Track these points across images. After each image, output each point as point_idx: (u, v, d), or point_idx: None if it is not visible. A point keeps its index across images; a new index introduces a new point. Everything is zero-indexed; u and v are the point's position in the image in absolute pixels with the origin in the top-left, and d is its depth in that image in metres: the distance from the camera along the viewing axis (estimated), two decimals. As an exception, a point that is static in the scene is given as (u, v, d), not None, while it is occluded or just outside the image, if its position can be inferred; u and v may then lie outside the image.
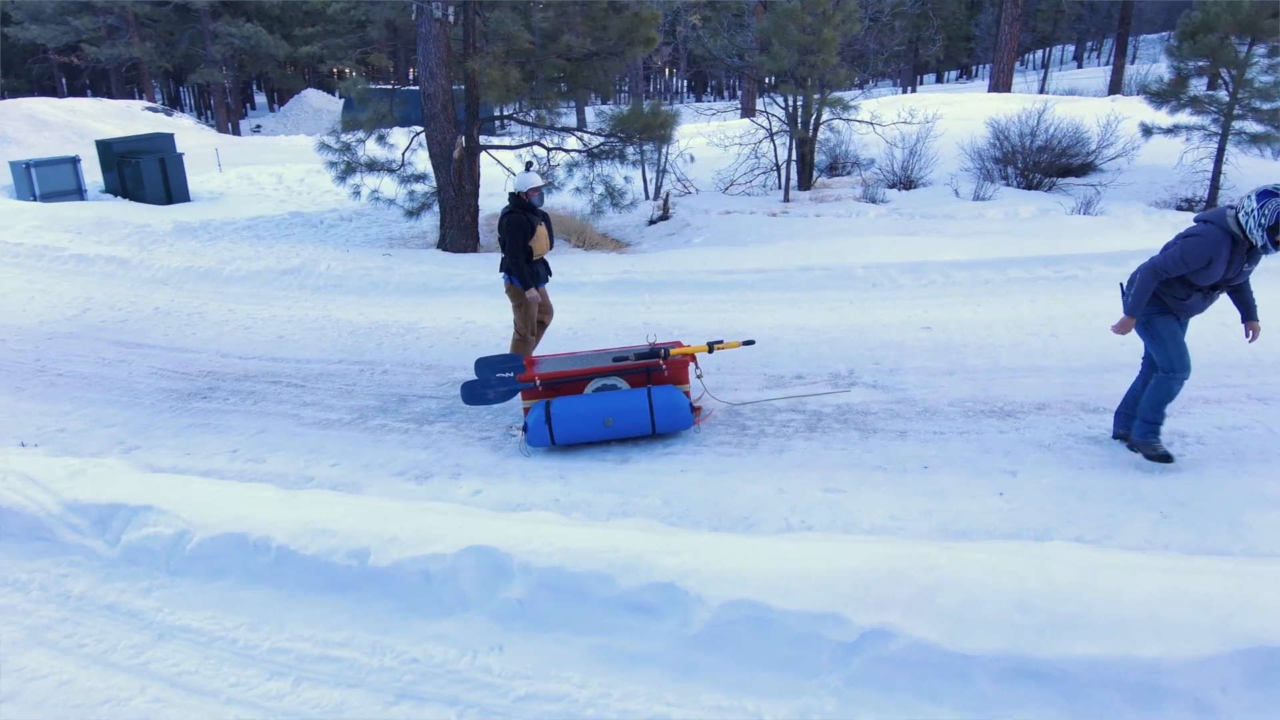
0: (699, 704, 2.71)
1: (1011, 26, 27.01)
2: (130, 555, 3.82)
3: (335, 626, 3.29)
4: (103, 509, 3.97)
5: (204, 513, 3.79)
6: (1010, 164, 14.63)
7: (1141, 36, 48.44)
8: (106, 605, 3.63)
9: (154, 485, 4.16)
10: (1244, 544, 3.45)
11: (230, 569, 3.62)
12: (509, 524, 3.52)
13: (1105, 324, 6.44)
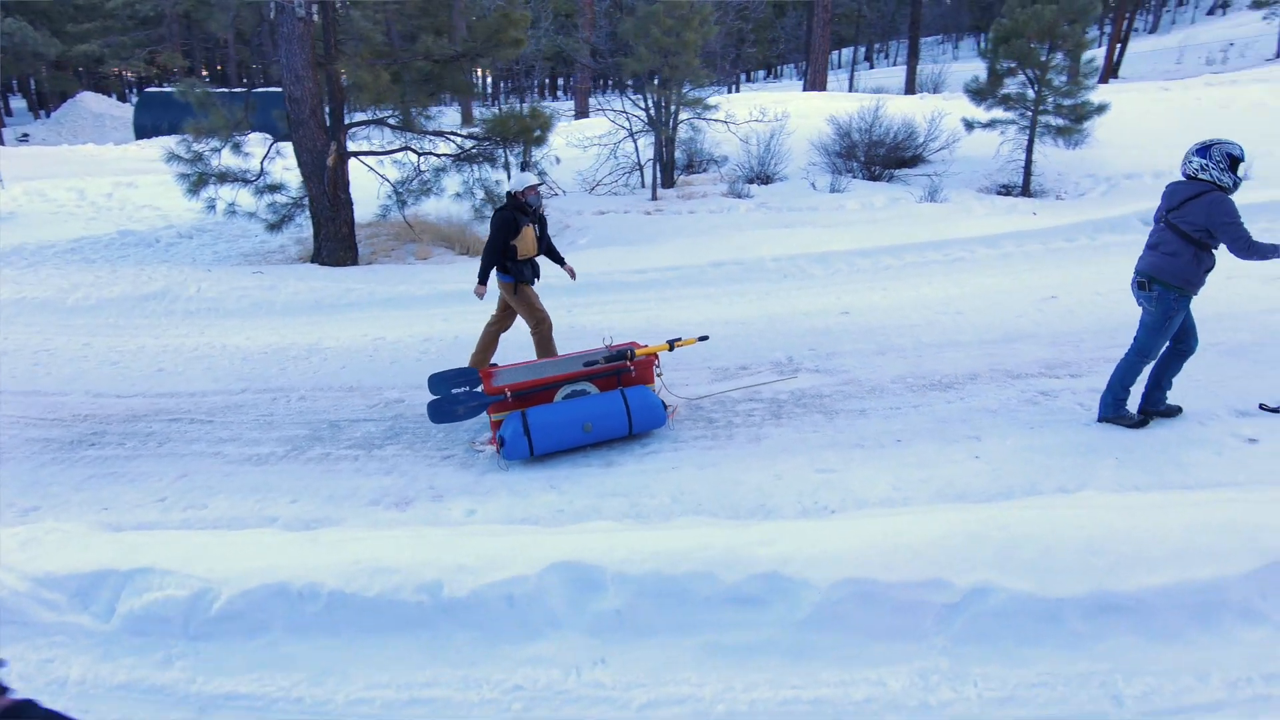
0: (822, 682, 2.85)
1: (823, 29, 29.02)
2: (134, 626, 3.38)
3: (414, 667, 3.11)
4: (83, 579, 3.48)
5: (223, 567, 3.42)
6: (852, 158, 15.80)
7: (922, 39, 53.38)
8: (119, 685, 3.20)
9: (137, 545, 3.69)
10: (1192, 478, 4.07)
11: (270, 624, 3.30)
12: (577, 537, 3.47)
13: (1001, 300, 7.22)
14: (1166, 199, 4.70)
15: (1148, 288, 4.67)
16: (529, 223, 6.19)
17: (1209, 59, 31.53)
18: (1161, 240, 4.65)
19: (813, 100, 20.98)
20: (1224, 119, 15.97)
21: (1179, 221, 4.51)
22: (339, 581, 3.28)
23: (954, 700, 2.74)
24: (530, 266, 6.39)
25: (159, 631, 3.37)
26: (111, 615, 3.46)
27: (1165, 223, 4.65)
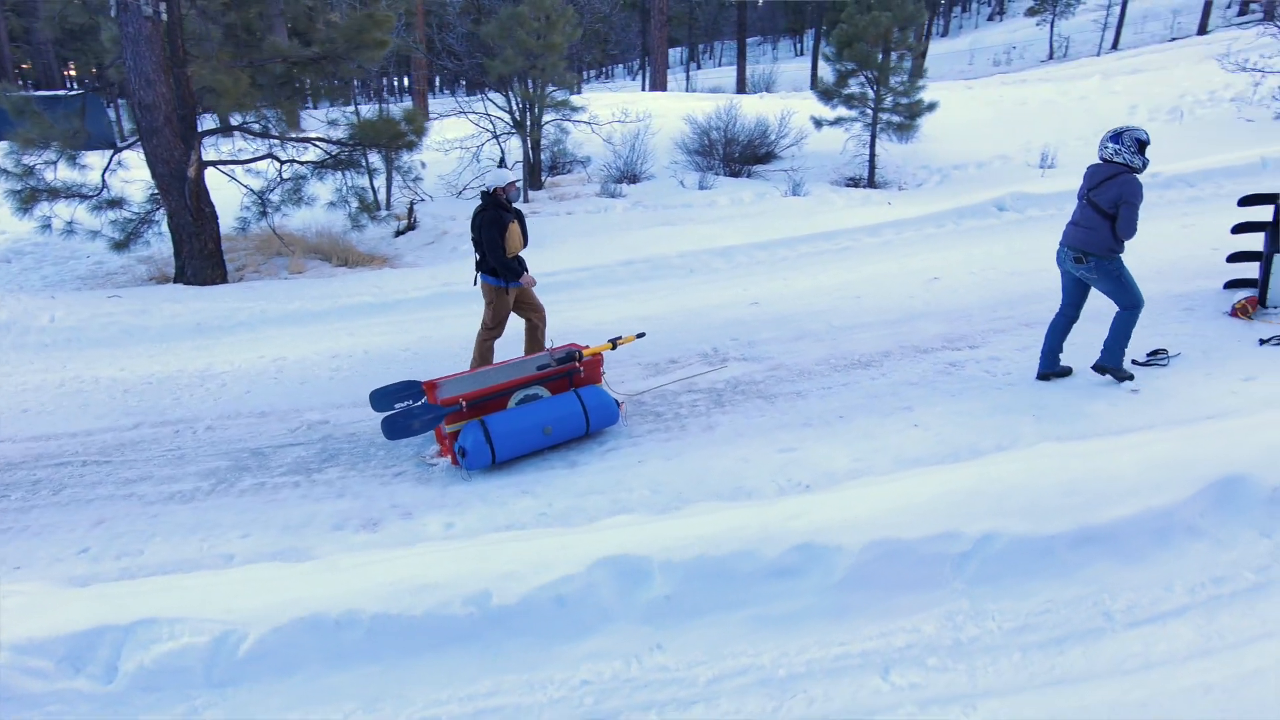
0: (865, 636, 3.14)
1: (660, 31, 29.88)
2: (145, 682, 3.09)
3: (471, 679, 3.08)
4: (72, 640, 3.14)
5: (244, 606, 3.20)
6: (711, 155, 16.49)
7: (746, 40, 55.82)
8: None
9: (126, 597, 3.37)
10: (1100, 426, 4.74)
11: (305, 658, 3.13)
12: (611, 532, 3.55)
13: (891, 283, 7.90)
14: (1087, 179, 5.33)
15: (1084, 261, 5.27)
16: (512, 219, 6.12)
17: (995, 60, 35.30)
18: (1084, 217, 5.27)
19: (661, 100, 21.59)
20: (1025, 114, 18.04)
21: (1098, 199, 5.15)
22: (380, 605, 3.19)
23: (979, 635, 3.12)
24: (518, 263, 6.32)
25: (176, 684, 3.12)
26: (114, 675, 3.16)
27: (1087, 200, 5.25)
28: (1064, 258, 5.45)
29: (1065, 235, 5.45)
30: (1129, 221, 5.01)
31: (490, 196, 6.11)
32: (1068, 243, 5.40)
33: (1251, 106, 16.58)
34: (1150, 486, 3.48)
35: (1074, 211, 5.44)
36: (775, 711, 2.92)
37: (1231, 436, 3.80)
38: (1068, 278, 5.53)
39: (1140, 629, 3.10)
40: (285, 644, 3.14)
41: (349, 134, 11.51)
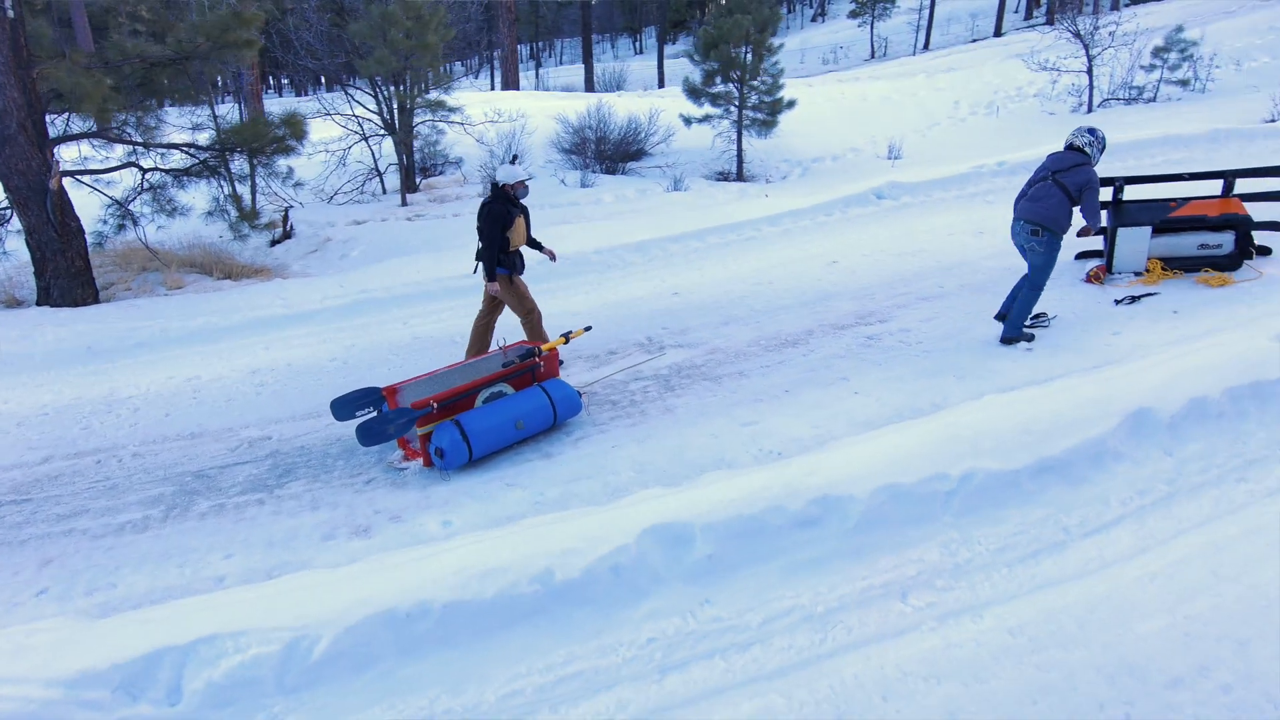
0: (882, 569, 3.62)
1: (510, 30, 29.77)
2: (214, 698, 3.04)
3: (545, 652, 3.27)
4: (127, 667, 3.03)
5: (312, 610, 3.20)
6: (584, 154, 16.82)
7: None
8: None
9: (172, 619, 3.27)
10: (1010, 379, 5.51)
11: (379, 654, 3.19)
12: (647, 505, 3.81)
13: (797, 268, 8.55)
14: (1053, 162, 5.99)
15: (1040, 234, 5.86)
16: (518, 214, 6.31)
17: (824, 59, 37.74)
18: (1045, 194, 5.89)
19: (529, 100, 21.65)
20: (865, 109, 19.61)
21: (1065, 180, 5.83)
22: (450, 593, 3.31)
23: (972, 557, 3.68)
24: (519, 257, 6.51)
25: (248, 696, 3.11)
26: (179, 696, 3.09)
27: (1053, 180, 5.89)
28: (1020, 230, 6.01)
29: (1021, 210, 6.01)
30: (1095, 206, 5.80)
31: (499, 190, 6.25)
32: (1025, 216, 5.94)
33: (1051, 101, 18.88)
34: (1083, 421, 4.20)
35: (1030, 190, 6.06)
36: (822, 643, 3.34)
37: (1130, 379, 4.62)
38: (1022, 252, 6.16)
39: (1092, 538, 3.78)
40: (359, 642, 3.22)
41: (218, 138, 10.92)
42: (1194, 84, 18.44)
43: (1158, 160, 10.31)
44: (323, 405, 6.62)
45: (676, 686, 3.19)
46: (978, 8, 41.56)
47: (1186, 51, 18.32)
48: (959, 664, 3.20)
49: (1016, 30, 36.06)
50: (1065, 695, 3.04)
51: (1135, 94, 18.42)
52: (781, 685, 3.16)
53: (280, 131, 10.98)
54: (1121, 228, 7.03)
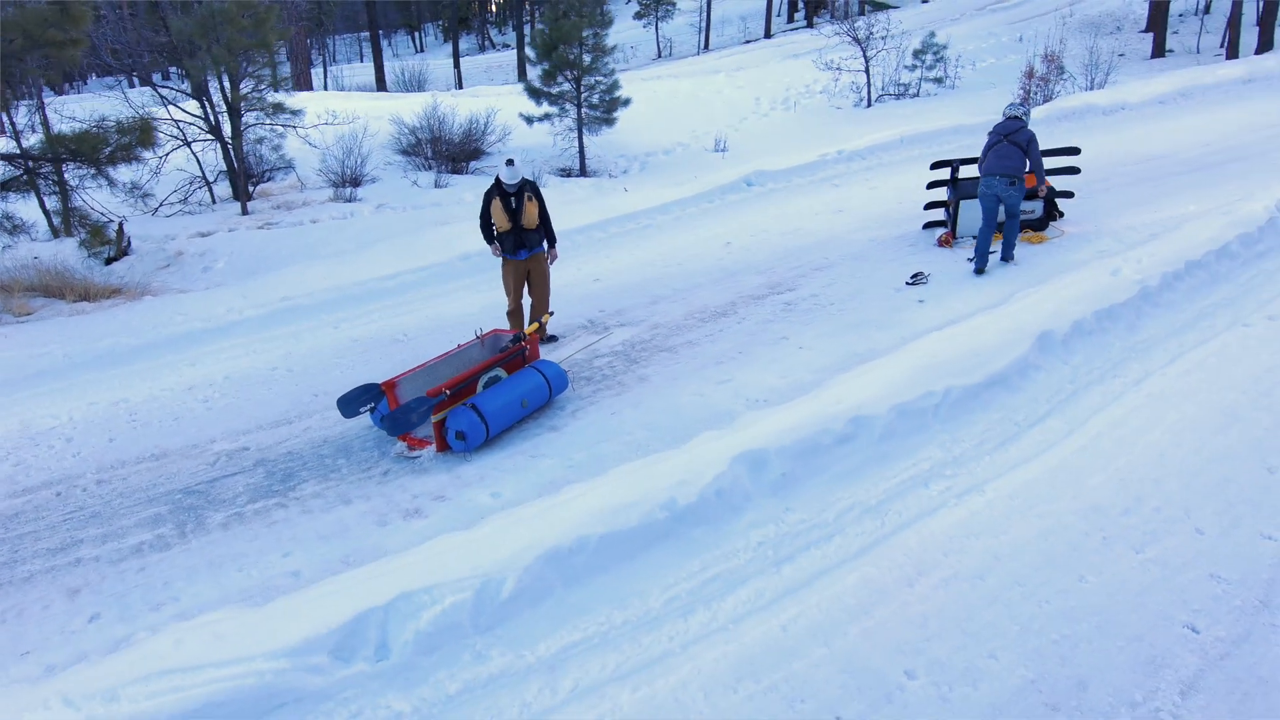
0: (904, 468, 4.60)
1: (301, 29, 28.28)
2: (422, 646, 3.32)
3: (681, 564, 3.87)
4: (341, 631, 3.24)
5: (488, 558, 3.55)
6: (421, 154, 16.78)
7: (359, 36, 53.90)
8: (449, 698, 3.27)
9: (359, 585, 3.49)
10: (917, 328, 6.78)
11: (549, 587, 3.61)
12: (724, 440, 4.51)
13: (698, 250, 9.47)
14: (1002, 128, 7.69)
15: (1015, 182, 7.48)
16: (497, 196, 6.82)
17: (617, 59, 39.26)
18: (1009, 153, 7.52)
19: (354, 101, 20.90)
20: (678, 106, 21.07)
21: (1017, 139, 7.52)
22: (602, 527, 3.80)
23: (962, 452, 4.78)
24: (509, 239, 6.90)
25: (450, 640, 3.43)
26: (387, 651, 3.35)
27: (1009, 142, 7.54)
28: (997, 184, 7.55)
29: (996, 168, 7.55)
30: (1040, 159, 7.62)
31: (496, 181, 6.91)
32: (1000, 172, 7.52)
33: (836, 97, 21.43)
34: (1008, 345, 5.48)
35: (994, 153, 7.63)
36: (882, 525, 4.28)
37: (1027, 313, 6.00)
38: (991, 200, 7.65)
39: (1035, 428, 5.03)
40: (534, 579, 3.67)
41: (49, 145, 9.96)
42: (947, 81, 21.78)
43: (954, 146, 12.42)
44: (287, 411, 6.61)
45: (792, 574, 3.97)
46: (745, 10, 45.05)
47: (939, 54, 21.58)
48: (982, 524, 4.26)
49: (783, 33, 39.74)
50: (1059, 533, 4.18)
51: (903, 90, 21.42)
52: (868, 561, 4.04)
53: (126, 139, 10.20)
54: (962, 200, 8.67)
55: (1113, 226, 8.54)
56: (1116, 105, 14.47)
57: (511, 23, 53.07)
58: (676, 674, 3.45)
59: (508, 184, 6.83)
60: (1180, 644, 3.52)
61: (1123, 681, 3.35)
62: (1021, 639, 3.57)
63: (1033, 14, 31.21)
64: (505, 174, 6.82)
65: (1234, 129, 13.24)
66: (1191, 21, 26.62)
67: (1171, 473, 4.59)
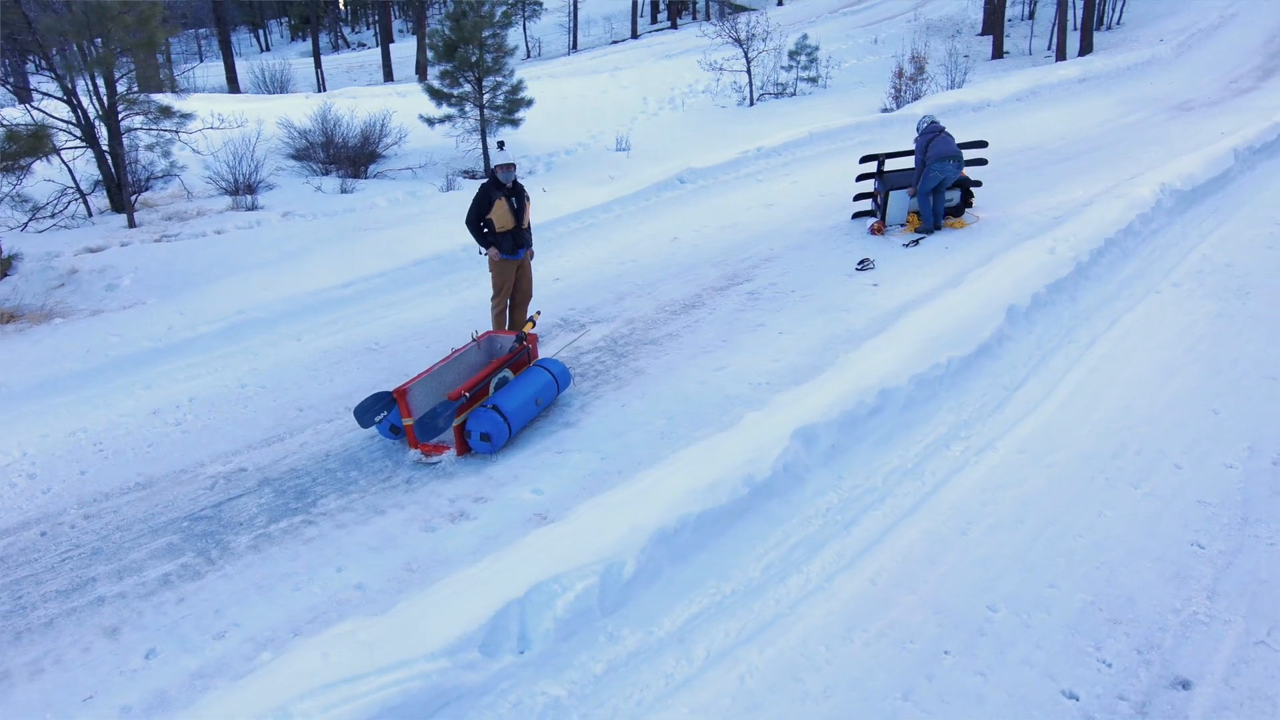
0: (925, 433, 5.08)
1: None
2: (561, 632, 3.40)
3: (767, 535, 4.14)
4: (486, 626, 3.26)
5: (604, 544, 3.66)
6: (314, 158, 16.12)
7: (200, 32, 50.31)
8: (596, 677, 3.39)
9: (490, 580, 3.52)
10: (880, 307, 7.35)
11: (659, 566, 3.76)
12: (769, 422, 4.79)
13: (649, 246, 9.73)
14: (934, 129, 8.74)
15: (959, 164, 8.64)
16: (500, 197, 6.63)
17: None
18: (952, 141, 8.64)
19: (242, 104, 19.62)
20: (570, 106, 21.20)
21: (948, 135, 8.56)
22: (700, 505, 4.00)
23: (970, 415, 5.33)
24: (509, 239, 6.80)
25: (584, 625, 3.53)
26: (529, 640, 3.41)
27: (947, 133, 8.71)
28: (952, 168, 8.76)
29: (947, 152, 8.74)
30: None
31: (491, 173, 6.77)
32: (955, 156, 8.78)
33: (719, 97, 22.26)
34: (985, 319, 6.12)
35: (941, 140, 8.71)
36: (923, 485, 4.75)
37: (991, 289, 6.68)
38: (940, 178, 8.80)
39: (1020, 390, 5.68)
40: (648, 560, 3.85)
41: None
42: (820, 81, 23.11)
43: (856, 141, 13.32)
44: (274, 429, 6.37)
45: (861, 534, 4.35)
46: (609, 11, 45.61)
47: (812, 55, 22.85)
48: (1004, 477, 4.81)
49: (649, 33, 40.59)
50: (1069, 479, 4.79)
51: (781, 89, 22.54)
52: (922, 517, 4.49)
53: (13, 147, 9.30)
54: (891, 191, 9.40)
55: (1019, 211, 9.54)
56: (983, 103, 15.95)
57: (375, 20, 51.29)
58: (794, 632, 3.74)
59: (503, 176, 6.78)
60: (1193, 559, 4.17)
61: (1161, 594, 3.94)
62: (1070, 569, 4.11)
63: (881, 17, 33.56)
64: (500, 158, 6.78)
65: (1082, 123, 14.97)
66: (1020, 26, 29.48)
67: (1139, 420, 5.33)
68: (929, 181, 8.70)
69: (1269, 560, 4.14)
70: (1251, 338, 6.30)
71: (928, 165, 8.61)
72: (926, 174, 8.65)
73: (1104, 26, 27.25)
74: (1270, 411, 5.40)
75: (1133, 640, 3.70)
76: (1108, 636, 3.72)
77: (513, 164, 6.87)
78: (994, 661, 3.60)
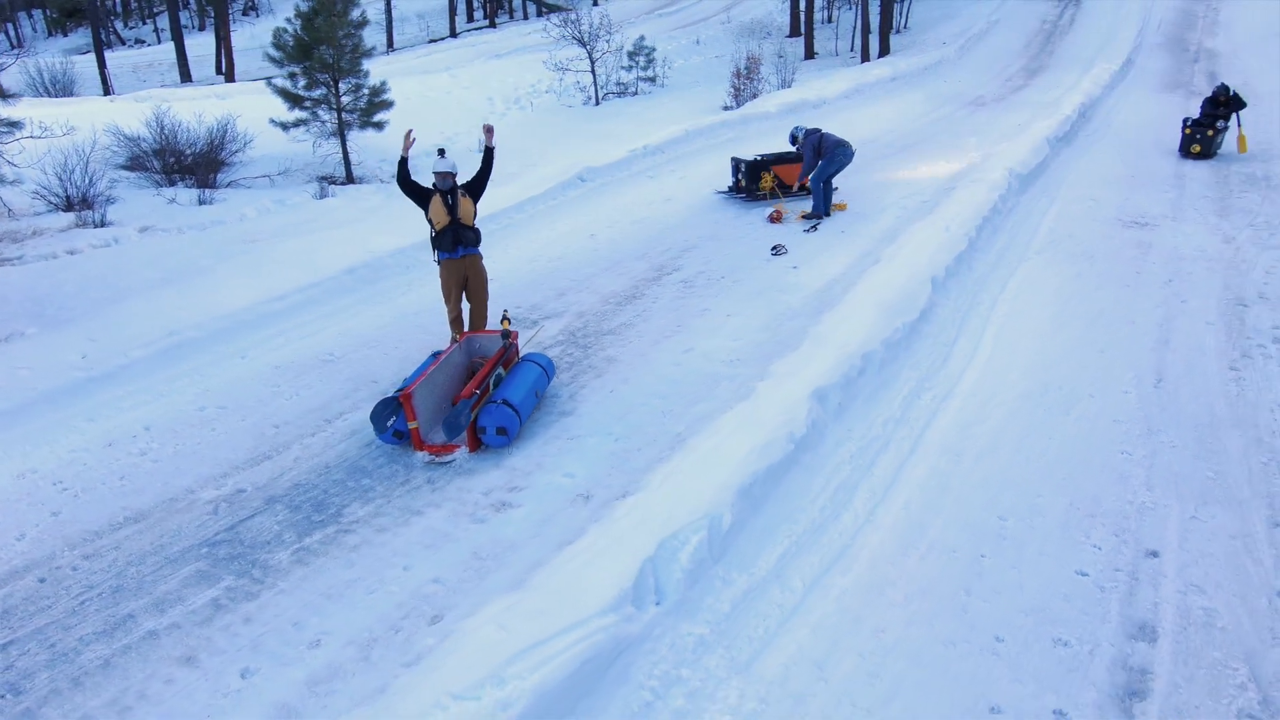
0: (900, 387, 5.92)
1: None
2: (685, 583, 3.81)
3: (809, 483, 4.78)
4: (634, 583, 3.61)
5: (699, 502, 4.11)
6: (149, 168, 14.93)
7: None
8: (729, 613, 3.84)
9: (621, 538, 3.84)
10: (808, 288, 8.21)
11: (744, 517, 4.26)
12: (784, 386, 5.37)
13: (572, 243, 10.04)
14: (814, 131, 9.65)
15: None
16: (435, 193, 6.74)
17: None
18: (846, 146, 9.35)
19: (63, 108, 17.38)
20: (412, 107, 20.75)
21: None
22: (763, 462, 4.54)
23: (927, 370, 6.26)
24: (448, 235, 6.84)
25: (702, 573, 3.95)
26: (663, 591, 3.77)
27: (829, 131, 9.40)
28: (850, 155, 9.92)
29: (843, 141, 9.74)
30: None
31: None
32: (850, 145, 9.78)
33: (564, 97, 22.72)
34: (917, 288, 7.13)
35: (831, 137, 9.76)
36: (912, 431, 5.59)
37: (911, 263, 7.71)
38: (843, 167, 9.88)
39: (955, 347, 6.71)
40: (738, 512, 4.35)
41: None
42: (659, 80, 24.15)
43: (726, 138, 14.32)
44: (256, 448, 6.19)
45: (881, 474, 5.10)
46: (422, 9, 44.52)
47: (650, 56, 23.83)
48: (971, 417, 5.76)
49: (467, 32, 40.12)
50: (1019, 414, 5.81)
51: (623, 89, 23.35)
52: (921, 456, 5.31)
53: None
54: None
55: (885, 198, 10.85)
56: (821, 100, 17.58)
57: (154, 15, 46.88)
58: (862, 557, 4.40)
59: (440, 184, 6.79)
60: (1126, 463, 5.28)
61: (1116, 491, 4.99)
62: (1046, 481, 5.08)
63: (695, 19, 35.35)
64: (440, 166, 6.78)
65: (903, 117, 16.94)
66: (824, 29, 32.20)
67: (1051, 363, 6.51)
68: (834, 166, 9.73)
69: (1176, 458, 5.33)
70: (1106, 292, 7.77)
71: (829, 154, 9.62)
72: (829, 161, 9.66)
73: (895, 30, 30.45)
74: (1138, 347, 6.77)
75: (1109, 528, 4.69)
76: (1091, 527, 4.69)
77: (451, 173, 6.85)
78: (1019, 558, 4.45)
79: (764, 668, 3.71)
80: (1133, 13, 27.51)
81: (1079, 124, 14.42)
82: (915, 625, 3.99)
